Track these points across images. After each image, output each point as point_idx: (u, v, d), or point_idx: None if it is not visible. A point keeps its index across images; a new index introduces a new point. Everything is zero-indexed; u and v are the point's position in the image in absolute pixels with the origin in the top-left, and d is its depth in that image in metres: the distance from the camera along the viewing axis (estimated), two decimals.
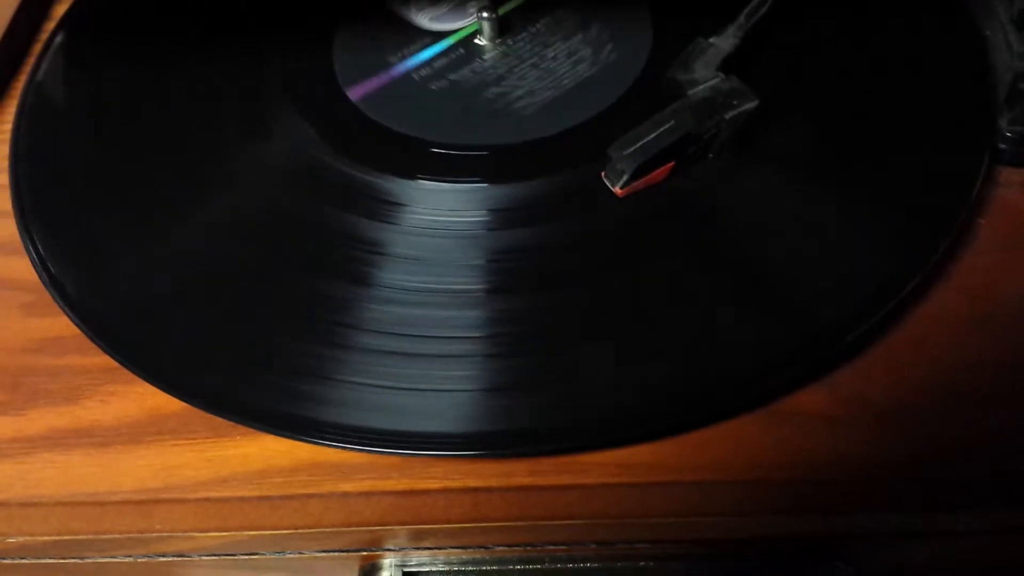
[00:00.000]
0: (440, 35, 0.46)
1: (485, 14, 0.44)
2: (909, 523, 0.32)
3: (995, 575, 0.38)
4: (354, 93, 0.43)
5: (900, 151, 0.38)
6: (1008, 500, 0.31)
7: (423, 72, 0.44)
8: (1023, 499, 0.31)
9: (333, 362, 0.35)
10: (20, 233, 0.40)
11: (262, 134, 0.42)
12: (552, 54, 0.44)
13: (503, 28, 0.45)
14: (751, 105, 0.37)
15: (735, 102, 0.37)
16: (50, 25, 0.51)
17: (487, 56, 0.44)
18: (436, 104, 0.43)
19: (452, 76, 0.44)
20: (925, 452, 0.32)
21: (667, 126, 0.37)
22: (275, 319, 0.36)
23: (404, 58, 0.45)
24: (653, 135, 0.37)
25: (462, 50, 0.45)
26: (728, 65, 0.39)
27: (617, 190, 0.37)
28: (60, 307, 0.37)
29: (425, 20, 0.46)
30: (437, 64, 0.44)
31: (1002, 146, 0.39)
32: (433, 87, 0.43)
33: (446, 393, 0.34)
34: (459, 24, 0.46)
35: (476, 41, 0.45)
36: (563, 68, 0.43)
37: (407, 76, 0.44)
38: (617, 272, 0.36)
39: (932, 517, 0.32)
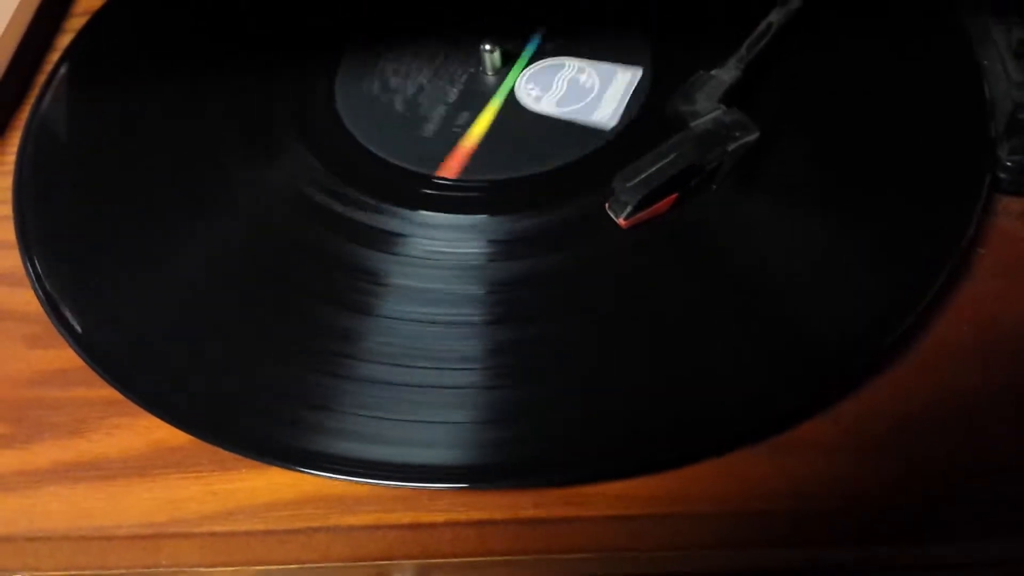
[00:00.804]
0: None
1: (487, 47, 0.44)
2: (915, 554, 0.32)
3: None
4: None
5: (900, 181, 0.39)
6: (1016, 530, 0.31)
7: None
8: None
9: (337, 393, 0.35)
10: (24, 264, 0.40)
11: (266, 164, 0.42)
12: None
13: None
14: (752, 137, 0.38)
15: (737, 134, 0.38)
16: (54, 56, 0.51)
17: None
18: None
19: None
20: (929, 483, 0.32)
21: (670, 158, 0.37)
22: (278, 350, 0.36)
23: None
24: (656, 167, 0.37)
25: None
26: (730, 97, 0.39)
27: (621, 221, 0.37)
28: (64, 339, 0.38)
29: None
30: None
31: (1002, 175, 0.40)
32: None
33: (449, 425, 0.34)
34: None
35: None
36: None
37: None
38: (620, 303, 0.36)
39: (939, 549, 0.32)
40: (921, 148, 0.39)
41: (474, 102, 0.44)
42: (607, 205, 0.38)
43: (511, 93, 0.44)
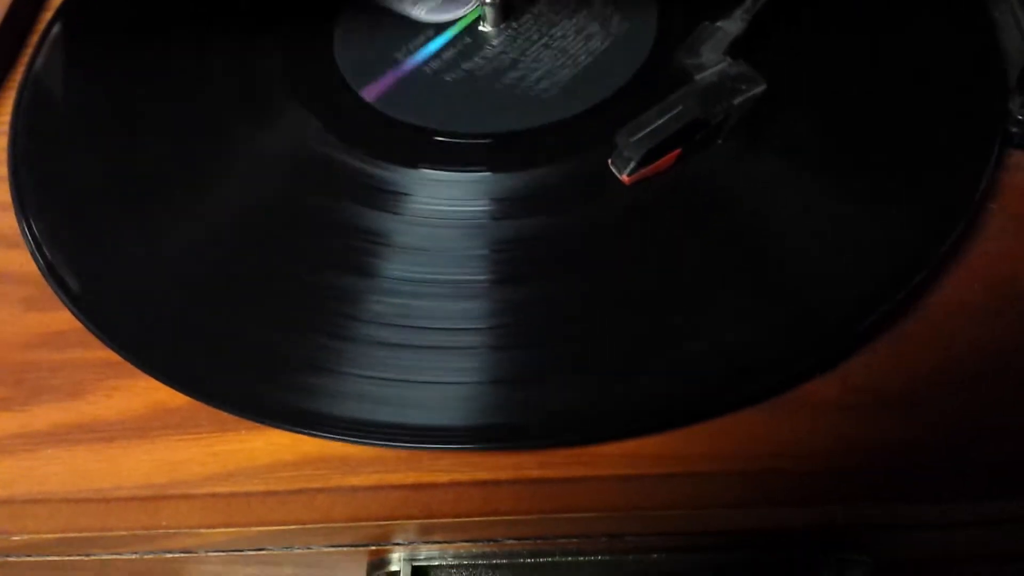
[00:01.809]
0: (442, 26, 0.45)
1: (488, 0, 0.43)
2: (924, 513, 0.32)
3: (1014, 565, 0.38)
4: (369, 93, 0.42)
5: (910, 136, 0.38)
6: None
7: (434, 64, 0.43)
8: None
9: (338, 354, 0.34)
10: (20, 226, 0.40)
11: (264, 124, 0.42)
12: (561, 32, 0.43)
13: (506, 12, 0.44)
14: (759, 90, 0.37)
15: (743, 87, 0.37)
16: (47, 15, 0.50)
17: (495, 42, 0.44)
18: (451, 94, 0.42)
19: (465, 65, 0.43)
20: (938, 441, 0.32)
21: (674, 112, 0.36)
22: (278, 311, 0.36)
23: (411, 52, 0.44)
24: (660, 121, 0.36)
25: (468, 39, 0.44)
26: (735, 49, 0.38)
27: (624, 177, 0.36)
28: (61, 301, 0.37)
29: (422, 13, 0.45)
30: (446, 55, 0.44)
31: (1013, 129, 0.39)
32: (448, 78, 0.43)
33: (453, 385, 0.33)
34: (459, 13, 0.45)
35: (480, 28, 0.44)
36: (575, 46, 0.43)
37: (419, 70, 0.43)
38: (624, 261, 0.36)
39: (947, 507, 0.31)
40: (932, 103, 0.39)
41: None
42: (610, 161, 0.37)
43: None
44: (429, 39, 0.45)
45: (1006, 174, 0.39)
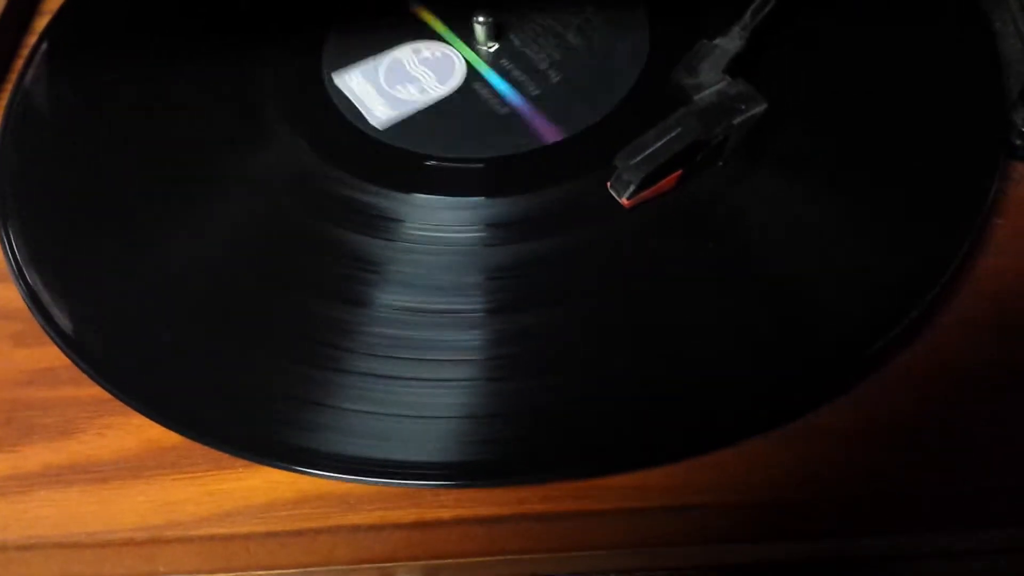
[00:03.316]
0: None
1: (481, 19, 0.42)
2: (939, 541, 0.31)
3: None
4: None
5: (913, 151, 0.37)
6: None
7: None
8: None
9: (333, 388, 0.33)
10: (6, 259, 0.39)
11: (254, 147, 0.41)
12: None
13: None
14: (760, 109, 0.36)
15: (743, 106, 0.36)
16: (31, 39, 0.49)
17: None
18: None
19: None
20: (953, 466, 0.31)
21: (674, 133, 0.35)
22: (271, 343, 0.35)
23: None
24: (660, 143, 0.35)
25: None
26: (734, 67, 0.38)
27: (624, 201, 0.36)
28: (50, 337, 0.36)
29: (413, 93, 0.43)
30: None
31: (1017, 142, 0.38)
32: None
33: (451, 420, 0.32)
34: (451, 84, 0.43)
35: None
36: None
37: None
38: (626, 287, 0.35)
39: (964, 534, 0.31)
40: (934, 116, 0.38)
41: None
42: (609, 184, 0.36)
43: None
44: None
45: (1011, 187, 0.38)
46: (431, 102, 0.42)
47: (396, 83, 0.42)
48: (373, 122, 0.41)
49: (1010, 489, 0.31)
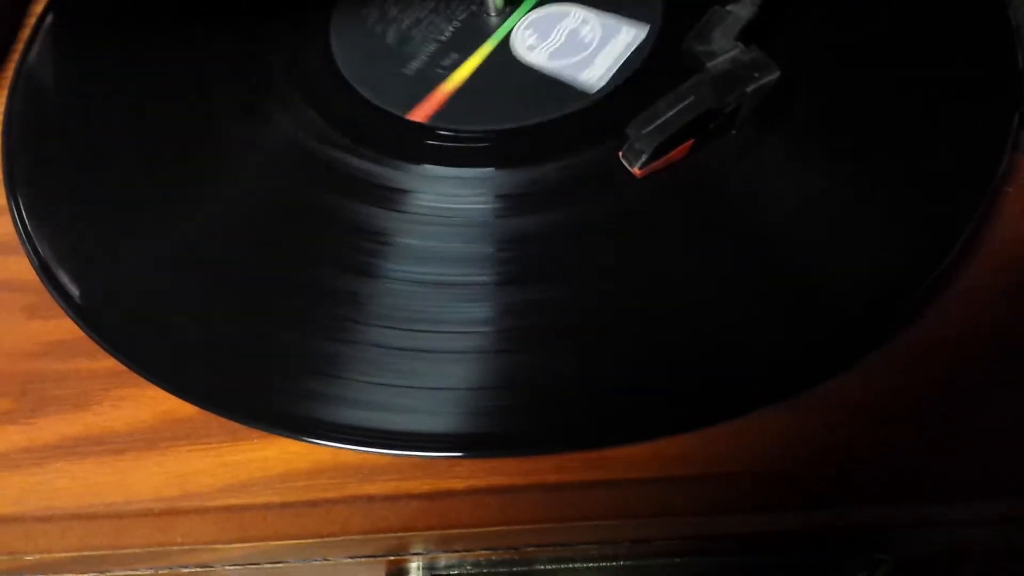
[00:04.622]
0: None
1: None
2: (946, 512, 0.31)
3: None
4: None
5: (925, 120, 0.37)
6: None
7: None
8: None
9: (348, 359, 0.34)
10: (16, 230, 0.39)
11: (266, 117, 0.41)
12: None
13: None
14: (773, 77, 0.36)
15: (756, 74, 0.36)
16: (38, 8, 0.49)
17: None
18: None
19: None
20: (960, 439, 0.31)
21: (686, 102, 0.35)
22: (286, 315, 0.35)
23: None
24: (672, 112, 0.35)
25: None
26: (747, 34, 0.37)
27: (636, 171, 0.35)
28: (63, 309, 0.36)
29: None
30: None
31: None
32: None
33: (465, 391, 0.33)
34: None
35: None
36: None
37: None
38: (637, 257, 0.35)
39: (968, 505, 0.31)
40: (947, 85, 0.38)
41: (467, 43, 0.42)
42: (620, 154, 0.36)
43: (507, 38, 0.42)
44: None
45: (1021, 156, 0.38)
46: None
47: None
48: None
49: (1017, 462, 0.31)
